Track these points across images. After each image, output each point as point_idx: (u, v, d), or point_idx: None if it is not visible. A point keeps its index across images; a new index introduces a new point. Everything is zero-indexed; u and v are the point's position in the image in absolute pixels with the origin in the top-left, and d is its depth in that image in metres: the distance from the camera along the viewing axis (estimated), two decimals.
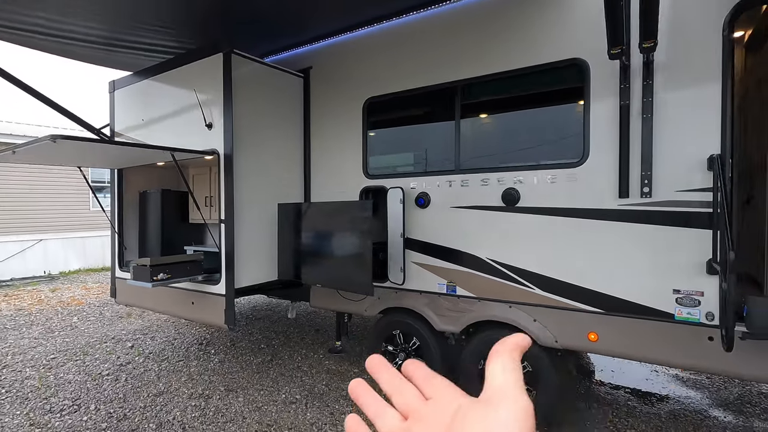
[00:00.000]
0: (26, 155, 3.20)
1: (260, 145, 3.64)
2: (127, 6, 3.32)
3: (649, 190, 2.49)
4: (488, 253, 3.05)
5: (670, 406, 3.36)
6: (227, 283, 3.28)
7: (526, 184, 2.90)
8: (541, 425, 2.94)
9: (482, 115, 3.29)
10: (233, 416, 3.18)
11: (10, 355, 4.49)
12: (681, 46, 2.41)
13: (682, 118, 2.42)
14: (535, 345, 2.86)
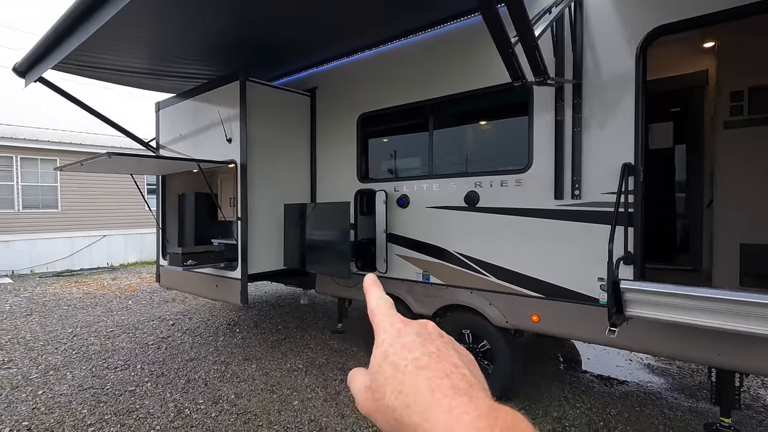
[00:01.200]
0: (90, 167, 4.09)
1: (272, 155, 4.35)
2: (167, 46, 4.14)
3: (579, 193, 2.91)
4: (455, 246, 3.56)
5: (627, 389, 3.70)
6: (242, 270, 4.00)
7: (483, 188, 3.38)
8: (497, 396, 3.41)
9: (450, 128, 3.80)
10: (246, 378, 3.90)
11: (80, 327, 5.51)
12: (601, 69, 2.82)
13: (604, 131, 2.83)
14: (492, 325, 3.35)
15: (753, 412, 3.28)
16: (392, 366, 0.34)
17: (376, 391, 0.35)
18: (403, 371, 0.34)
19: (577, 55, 2.90)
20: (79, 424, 3.09)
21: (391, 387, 0.34)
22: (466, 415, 0.30)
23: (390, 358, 0.35)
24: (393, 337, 0.37)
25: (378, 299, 0.42)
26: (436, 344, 0.36)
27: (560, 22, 2.94)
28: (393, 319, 0.39)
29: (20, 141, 10.12)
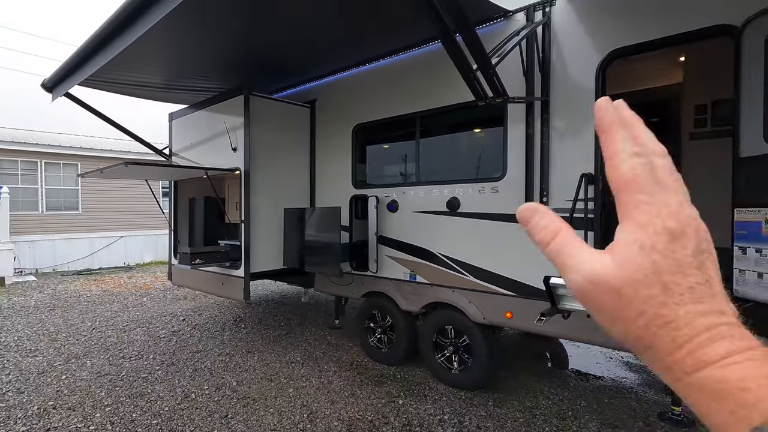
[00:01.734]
0: (109, 174, 4.49)
1: (274, 163, 4.70)
2: (182, 64, 4.53)
3: (547, 200, 3.18)
4: (439, 248, 3.85)
5: (602, 383, 3.94)
6: (245, 269, 4.35)
7: (464, 195, 3.67)
8: (473, 389, 3.69)
9: (434, 138, 4.10)
10: (247, 368, 4.24)
11: (98, 321, 5.94)
12: (566, 87, 3.10)
13: (569, 143, 3.10)
14: (471, 322, 3.63)
15: None
16: (662, 288, 0.28)
17: (627, 307, 0.29)
18: (678, 302, 0.28)
19: (544, 73, 3.18)
20: (97, 405, 3.46)
21: (651, 311, 0.28)
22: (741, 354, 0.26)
23: (663, 276, 0.28)
24: (665, 244, 0.29)
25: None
26: (710, 260, 0.29)
27: (531, 42, 3.22)
28: (661, 208, 0.29)
29: (44, 147, 10.72)
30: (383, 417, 3.27)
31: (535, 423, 3.19)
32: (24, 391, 3.73)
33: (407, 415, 3.29)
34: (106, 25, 3.34)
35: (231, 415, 3.31)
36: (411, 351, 4.20)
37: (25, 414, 3.32)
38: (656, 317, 0.28)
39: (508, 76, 3.25)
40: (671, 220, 0.29)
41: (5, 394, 3.68)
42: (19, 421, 3.21)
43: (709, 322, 0.28)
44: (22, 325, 5.79)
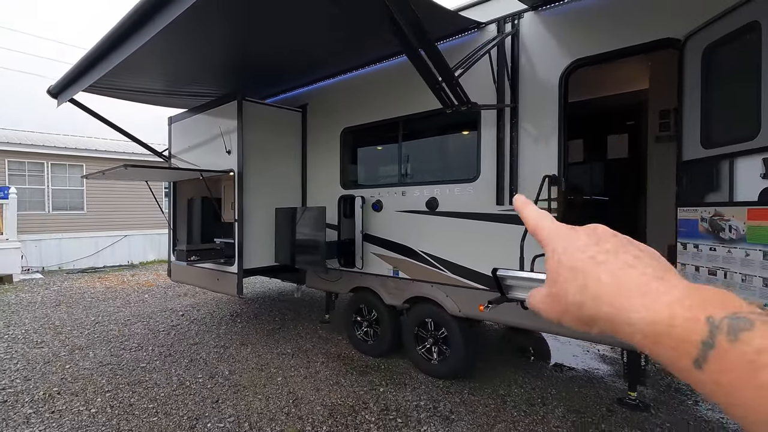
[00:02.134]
0: (111, 175, 4.75)
1: (266, 165, 4.94)
2: (180, 71, 4.78)
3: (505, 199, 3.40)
4: (419, 245, 4.07)
5: (574, 374, 4.15)
6: (239, 265, 4.59)
7: (442, 195, 3.89)
8: (451, 378, 3.91)
9: (416, 142, 4.33)
10: (240, 359, 4.48)
11: (101, 316, 6.21)
12: (532, 94, 3.31)
13: (535, 147, 3.31)
14: (448, 315, 3.85)
15: (660, 389, 3.69)
16: (569, 269, 0.34)
17: (557, 294, 0.35)
18: (583, 269, 0.34)
19: (513, 82, 3.40)
20: (98, 391, 3.71)
21: (572, 285, 0.34)
22: (666, 296, 0.29)
23: (565, 263, 0.35)
24: (564, 244, 0.36)
25: (536, 215, 0.42)
26: (611, 242, 0.35)
27: (502, 52, 3.44)
28: (559, 228, 0.39)
29: (50, 148, 11.04)
30: (363, 403, 3.50)
31: (504, 409, 3.41)
32: (30, 378, 4.00)
33: (386, 401, 3.52)
34: (109, 35, 3.57)
35: (222, 400, 3.55)
36: (395, 343, 4.43)
37: (32, 398, 3.59)
38: (578, 292, 0.34)
39: (480, 84, 3.49)
40: (556, 254, 0.37)
41: (14, 381, 3.94)
42: (26, 405, 3.47)
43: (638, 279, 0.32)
44: (29, 319, 6.07)
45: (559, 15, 3.22)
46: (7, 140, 10.51)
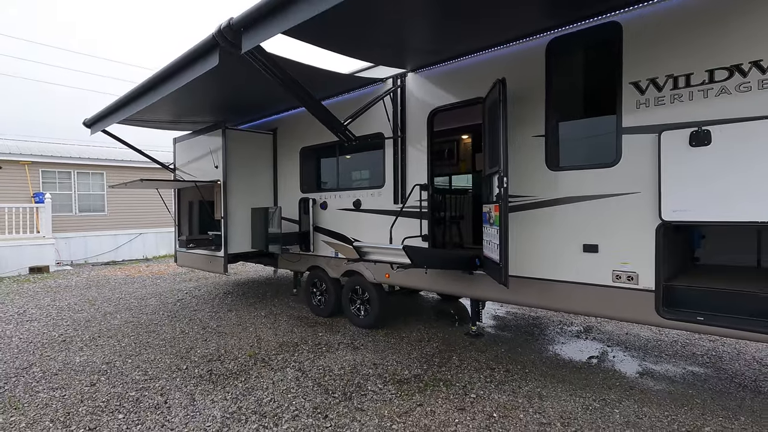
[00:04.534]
0: (131, 186, 6.43)
1: (245, 175, 6.56)
2: (182, 108, 6.42)
3: (405, 201, 4.96)
4: (350, 234, 5.65)
5: (456, 323, 5.69)
6: (224, 250, 6.23)
7: (364, 197, 5.47)
8: (372, 328, 5.49)
9: (347, 158, 5.92)
10: (226, 319, 6.12)
11: (124, 293, 7.93)
12: (412, 128, 4.87)
13: (415, 164, 4.88)
14: (368, 282, 5.42)
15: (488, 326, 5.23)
16: None
17: None
18: None
19: (398, 118, 4.96)
20: (125, 335, 5.38)
21: None
22: None
23: None
24: None
25: None
26: None
27: (395, 98, 5.00)
28: None
29: (76, 159, 12.87)
30: (304, 340, 5.11)
31: (399, 344, 4.98)
32: (78, 329, 5.70)
33: (320, 340, 5.13)
34: (137, 89, 5.14)
35: (208, 339, 5.19)
36: (338, 306, 6.01)
37: (82, 339, 5.27)
38: None
39: (384, 120, 5.07)
40: None
41: (67, 331, 5.64)
42: (79, 342, 5.16)
43: None
44: (69, 296, 7.82)
45: (427, 76, 4.79)
46: (41, 153, 12.35)
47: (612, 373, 4.06)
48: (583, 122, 3.94)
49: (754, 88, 2.84)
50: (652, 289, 3.26)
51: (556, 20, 3.68)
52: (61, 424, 3.22)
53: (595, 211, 3.54)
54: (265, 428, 3.11)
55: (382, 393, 3.66)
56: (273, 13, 3.00)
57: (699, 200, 3.00)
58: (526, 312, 6.30)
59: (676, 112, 3.13)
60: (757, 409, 3.33)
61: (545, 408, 3.36)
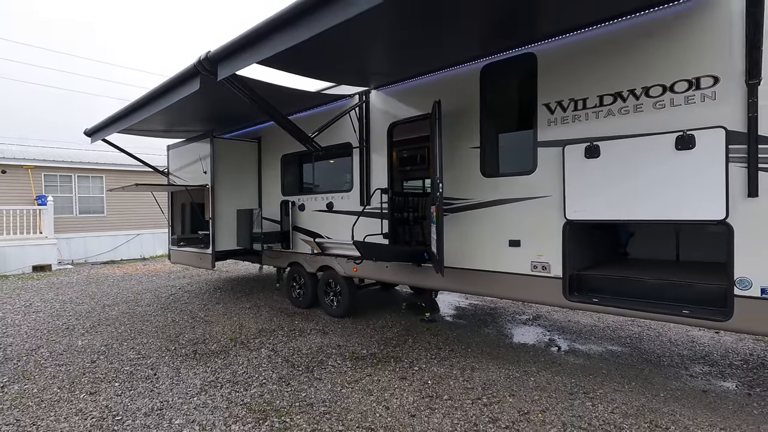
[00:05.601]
0: (127, 190, 7.07)
1: (232, 179, 7.20)
2: (175, 119, 7.07)
3: (369, 203, 5.61)
4: (324, 232, 6.30)
5: (419, 313, 6.32)
6: (212, 248, 6.87)
7: (336, 200, 6.12)
8: (342, 316, 6.12)
9: (322, 165, 6.57)
10: (214, 310, 6.76)
11: (121, 289, 8.57)
12: (375, 139, 5.52)
13: (377, 170, 5.52)
14: (339, 276, 6.06)
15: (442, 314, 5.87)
16: None
17: None
18: None
19: (364, 130, 5.61)
20: (122, 323, 6.02)
21: None
22: None
23: None
24: None
25: None
26: None
27: (362, 111, 5.65)
28: None
29: (77, 163, 13.51)
30: (281, 327, 5.75)
31: (364, 330, 5.61)
32: (80, 319, 6.33)
33: (295, 327, 5.76)
34: (131, 105, 5.81)
35: (195, 327, 5.83)
36: (314, 298, 6.65)
37: (83, 327, 5.91)
38: None
39: (351, 131, 5.72)
40: None
41: (70, 320, 6.28)
42: (80, 329, 5.79)
43: None
44: (71, 291, 8.46)
45: (387, 93, 5.44)
46: (43, 158, 13.00)
47: (541, 352, 4.70)
48: (509, 136, 4.58)
49: (631, 111, 3.50)
50: (561, 276, 3.91)
51: (487, 49, 4.33)
52: (66, 390, 3.86)
53: (518, 212, 4.19)
54: (236, 392, 3.75)
55: (340, 367, 4.30)
56: (242, 50, 3.65)
57: (592, 202, 3.65)
58: (486, 303, 6.94)
59: (575, 130, 3.78)
60: (650, 377, 3.97)
61: (473, 377, 4.00)
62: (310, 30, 3.03)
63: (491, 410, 3.35)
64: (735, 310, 3.06)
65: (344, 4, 2.75)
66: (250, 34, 3.51)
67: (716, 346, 4.79)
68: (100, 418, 3.31)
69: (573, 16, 3.65)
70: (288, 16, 3.15)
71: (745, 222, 3.01)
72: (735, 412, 3.29)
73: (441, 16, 3.52)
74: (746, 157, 2.98)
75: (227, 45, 3.74)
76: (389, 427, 3.11)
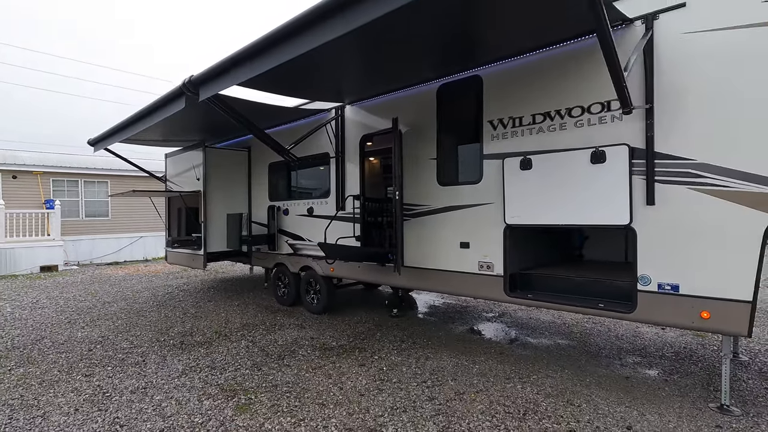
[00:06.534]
0: (126, 196, 7.65)
1: (222, 186, 7.74)
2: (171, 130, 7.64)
3: (344, 208, 6.11)
4: (306, 235, 6.81)
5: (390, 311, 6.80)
6: (204, 249, 7.41)
7: (315, 205, 6.63)
8: (321, 313, 6.62)
9: (303, 173, 7.09)
10: (205, 308, 7.29)
11: (121, 288, 9.14)
12: (349, 149, 6.03)
13: (351, 178, 6.03)
14: (318, 275, 6.56)
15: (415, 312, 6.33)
16: None
17: None
18: None
19: (339, 141, 6.13)
20: (119, 318, 6.56)
21: None
22: None
23: None
24: None
25: None
26: None
27: (338, 124, 6.17)
28: None
29: (84, 169, 14.18)
30: (263, 322, 6.26)
31: (339, 325, 6.10)
32: (81, 314, 6.89)
33: (276, 322, 6.27)
34: (128, 119, 6.38)
35: (186, 321, 6.36)
36: (297, 296, 7.15)
37: (84, 320, 6.47)
38: None
39: (329, 142, 6.23)
40: None
41: (72, 315, 6.84)
42: (81, 323, 6.34)
43: None
44: (75, 290, 9.04)
45: (359, 108, 5.95)
46: (52, 164, 13.68)
47: (495, 344, 5.16)
48: (461, 149, 5.06)
49: (557, 129, 3.97)
50: (502, 275, 4.38)
51: (440, 72, 4.83)
52: (65, 372, 4.39)
53: (468, 217, 4.67)
54: (213, 375, 4.25)
55: (308, 356, 4.79)
56: (219, 75, 4.18)
57: (525, 209, 4.13)
58: (459, 302, 7.40)
59: (513, 144, 4.26)
60: (584, 366, 4.42)
61: (425, 365, 4.47)
62: (278, 59, 3.51)
63: (432, 391, 3.82)
64: (638, 303, 3.51)
65: (302, 41, 3.24)
66: (226, 62, 4.03)
67: (656, 340, 5.21)
68: (92, 395, 3.84)
69: (510, 45, 4.14)
70: (256, 49, 3.66)
71: (645, 226, 3.47)
72: (645, 394, 3.73)
73: (399, 44, 4.02)
74: (645, 171, 3.45)
75: (207, 70, 4.27)
76: (338, 403, 3.60)
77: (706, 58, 3.18)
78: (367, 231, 6.02)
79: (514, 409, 3.46)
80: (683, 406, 3.49)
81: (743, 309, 3.03)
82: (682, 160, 3.29)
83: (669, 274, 3.37)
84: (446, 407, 3.51)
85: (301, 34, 3.27)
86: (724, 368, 3.37)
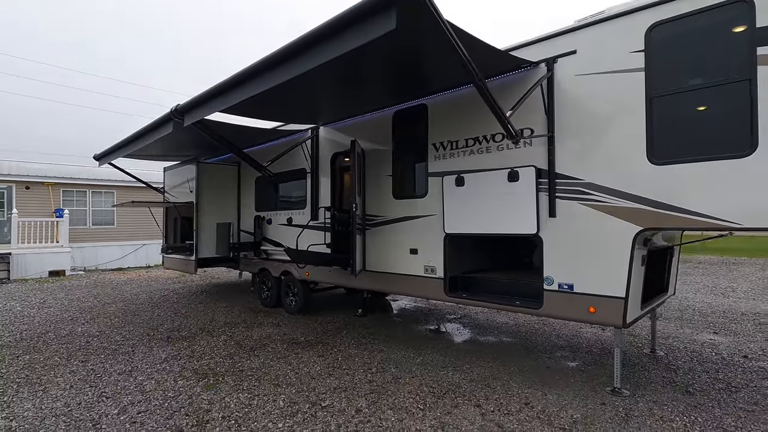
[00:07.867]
0: (127, 206, 8.42)
1: (214, 198, 8.48)
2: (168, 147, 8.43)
3: (317, 218, 6.79)
4: (285, 242, 7.49)
5: (360, 312, 7.42)
6: (195, 256, 8.12)
7: (295, 216, 7.33)
8: (298, 313, 7.27)
9: (284, 186, 7.82)
10: (196, 309, 7.98)
11: (123, 292, 9.88)
12: (322, 165, 6.74)
13: (324, 190, 6.72)
14: (296, 279, 7.23)
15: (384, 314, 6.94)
16: None
17: None
18: None
19: (314, 158, 6.84)
20: (118, 316, 7.27)
21: None
22: None
23: None
24: None
25: None
26: None
27: (313, 143, 6.89)
28: None
29: (91, 180, 15.08)
30: (244, 321, 6.92)
31: (312, 324, 6.74)
32: (83, 313, 7.62)
33: (256, 321, 6.93)
34: (127, 138, 7.17)
35: (175, 319, 7.04)
36: (278, 299, 7.82)
37: (85, 317, 7.19)
38: None
39: (305, 159, 6.96)
40: None
41: (75, 313, 7.57)
42: (83, 319, 7.06)
43: None
44: (80, 292, 9.80)
45: (330, 128, 6.67)
46: (62, 175, 14.60)
47: (446, 341, 5.77)
48: (411, 167, 5.74)
49: (484, 151, 4.65)
50: (443, 277, 5.01)
51: (396, 100, 5.54)
52: (65, 359, 5.09)
53: (417, 227, 5.33)
54: (190, 363, 4.92)
55: (276, 349, 5.44)
56: (201, 105, 4.92)
57: (459, 220, 4.78)
58: (429, 305, 8.01)
59: (451, 164, 4.94)
60: (514, 358, 5.02)
61: (377, 356, 5.10)
62: (251, 91, 4.21)
63: (374, 376, 4.45)
64: (544, 300, 4.13)
65: (270, 77, 3.92)
66: (206, 94, 4.77)
67: (592, 339, 5.79)
68: (86, 375, 4.52)
69: (444, 80, 4.83)
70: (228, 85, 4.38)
71: (548, 235, 4.11)
72: (557, 380, 4.32)
73: (356, 79, 4.73)
74: (548, 188, 4.10)
75: (191, 100, 5.01)
76: (291, 384, 4.24)
77: (589, 96, 3.85)
78: (337, 239, 6.70)
79: (438, 390, 4.07)
80: (583, 389, 4.08)
81: (618, 304, 3.65)
82: (574, 179, 3.94)
83: (566, 275, 3.99)
84: (381, 388, 4.13)
85: (264, 74, 3.97)
86: (616, 356, 3.97)
